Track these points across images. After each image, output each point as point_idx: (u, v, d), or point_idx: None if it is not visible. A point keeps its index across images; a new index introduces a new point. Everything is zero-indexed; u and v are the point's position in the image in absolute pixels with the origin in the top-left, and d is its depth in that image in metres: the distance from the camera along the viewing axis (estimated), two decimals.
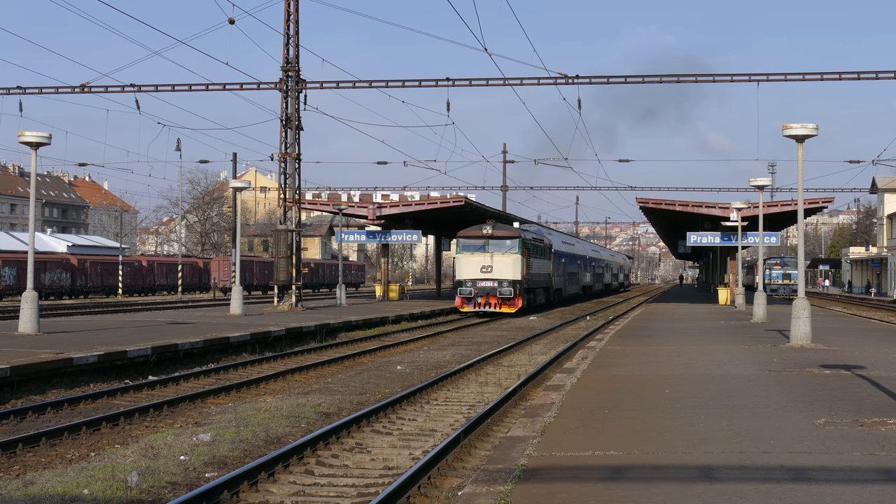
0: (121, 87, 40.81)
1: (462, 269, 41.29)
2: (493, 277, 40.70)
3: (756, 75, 39.25)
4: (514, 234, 41.52)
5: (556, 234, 64.24)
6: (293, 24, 37.94)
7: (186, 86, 41.09)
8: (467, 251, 41.41)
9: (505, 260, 40.91)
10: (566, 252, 59.67)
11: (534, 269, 44.63)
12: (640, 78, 40.19)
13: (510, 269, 40.81)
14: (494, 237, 41.13)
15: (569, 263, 60.29)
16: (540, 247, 47.00)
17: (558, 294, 55.94)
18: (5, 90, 41.30)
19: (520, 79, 40.04)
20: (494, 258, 40.90)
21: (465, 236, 41.97)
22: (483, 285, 40.76)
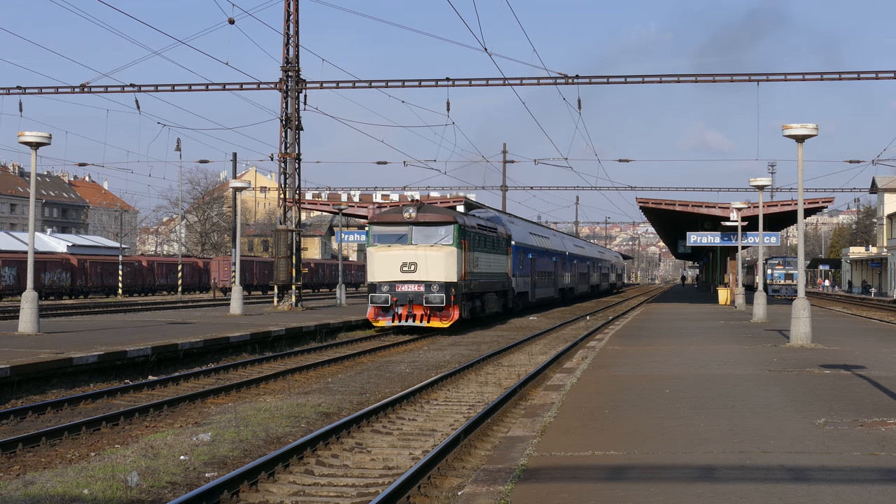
0: (121, 87, 40.83)
1: (376, 268, 30.19)
2: (418, 279, 29.63)
3: (756, 75, 39.25)
4: (447, 218, 30.32)
5: (522, 224, 51.94)
6: (293, 24, 37.95)
7: (186, 86, 41.09)
8: (383, 243, 30.28)
9: (435, 255, 29.79)
10: (535, 247, 49.11)
11: (480, 266, 33.58)
12: (640, 78, 40.19)
13: (442, 268, 29.72)
14: (420, 223, 30.07)
15: (540, 260, 50.05)
16: (491, 238, 35.78)
17: (522, 299, 45.04)
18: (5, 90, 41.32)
19: (520, 79, 40.06)
20: (420, 252, 29.84)
21: (379, 222, 30.93)
22: (404, 290, 29.59)
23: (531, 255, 46.93)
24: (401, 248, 29.99)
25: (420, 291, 29.64)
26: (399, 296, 29.70)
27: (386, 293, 29.63)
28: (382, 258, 30.03)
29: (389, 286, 29.61)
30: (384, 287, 29.67)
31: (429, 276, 29.64)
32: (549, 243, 54.71)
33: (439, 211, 31.33)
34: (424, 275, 29.63)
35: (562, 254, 58.41)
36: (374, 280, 30.00)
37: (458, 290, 30.27)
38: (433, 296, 29.46)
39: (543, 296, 51.47)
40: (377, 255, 30.23)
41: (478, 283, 33.12)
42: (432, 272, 29.67)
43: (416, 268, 29.67)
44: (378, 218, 31.61)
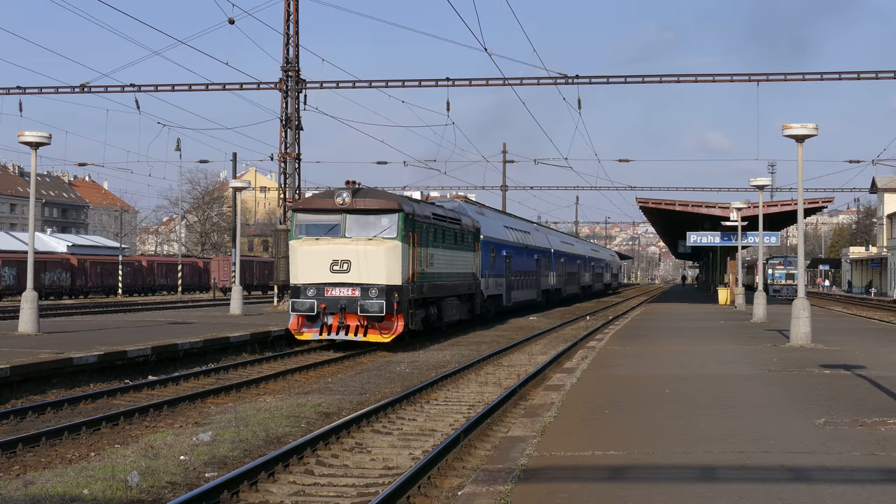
0: (121, 87, 40.84)
1: (300, 267, 24.45)
2: (352, 281, 23.90)
3: (756, 75, 39.26)
4: (390, 205, 24.50)
5: (495, 216, 45.78)
6: (293, 24, 37.96)
7: (186, 86, 41.11)
8: (310, 235, 24.63)
9: (374, 250, 24.00)
10: (512, 242, 43.23)
11: (436, 265, 27.69)
12: (640, 78, 40.21)
13: (382, 267, 23.90)
14: (355, 211, 24.35)
15: (518, 258, 44.12)
16: (452, 230, 29.82)
17: (495, 303, 39.29)
18: (5, 90, 41.34)
19: (520, 79, 40.08)
20: (355, 247, 24.05)
21: (304, 209, 25.33)
22: (335, 294, 23.90)
23: (506, 252, 41.09)
24: (331, 242, 24.21)
25: (354, 296, 23.67)
26: (328, 302, 23.75)
27: (312, 298, 23.85)
28: (308, 254, 24.29)
29: (317, 289, 23.88)
30: (310, 290, 23.91)
31: (366, 277, 23.78)
32: (530, 239, 48.75)
33: (381, 196, 25.31)
34: (360, 276, 23.79)
35: (545, 251, 52.48)
36: (298, 282, 24.25)
37: (404, 294, 24.17)
38: (370, 302, 23.44)
39: (522, 299, 45.21)
40: (302, 250, 24.43)
41: (432, 286, 27.11)
42: (371, 272, 23.80)
43: (349, 267, 23.86)
44: (303, 203, 25.80)
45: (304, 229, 24.79)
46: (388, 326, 23.96)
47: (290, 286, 24.67)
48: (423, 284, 26.05)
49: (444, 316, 28.92)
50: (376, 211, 24.40)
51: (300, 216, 25.04)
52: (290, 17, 37.90)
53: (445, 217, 29.29)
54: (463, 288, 31.26)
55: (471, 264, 32.50)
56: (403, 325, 24.06)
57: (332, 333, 24.07)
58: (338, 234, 24.35)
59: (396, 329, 23.97)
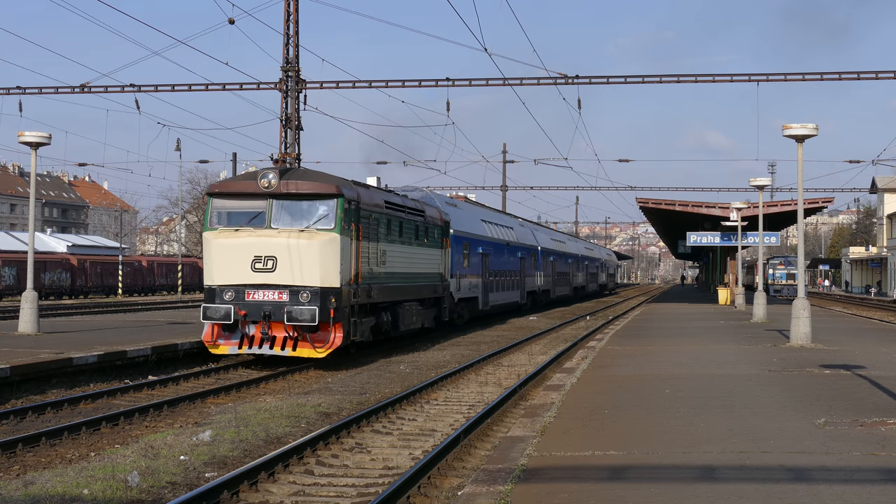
0: (121, 87, 40.82)
1: (216, 264, 20.08)
2: (278, 282, 19.58)
3: (756, 75, 39.22)
4: (327, 189, 20.01)
5: (471, 209, 40.84)
6: (293, 24, 37.96)
7: (186, 86, 41.10)
8: (228, 225, 20.23)
9: (306, 245, 19.59)
10: (490, 238, 38.77)
11: (390, 263, 23.31)
12: (640, 78, 40.17)
13: (316, 265, 19.55)
14: (284, 195, 19.97)
15: (497, 257, 39.65)
16: (412, 223, 25.43)
17: (468, 307, 34.72)
18: (5, 90, 41.32)
19: (520, 79, 40.01)
20: (283, 240, 19.68)
21: (222, 193, 20.70)
22: (258, 298, 19.58)
23: (483, 250, 36.77)
24: (253, 234, 19.77)
25: (281, 301, 19.37)
26: (249, 308, 19.43)
27: (229, 303, 19.46)
28: (225, 249, 19.85)
29: (235, 292, 19.55)
30: (227, 293, 19.57)
31: (296, 277, 19.47)
32: (513, 235, 44.27)
33: (315, 177, 20.56)
34: (289, 275, 19.46)
35: (531, 249, 47.73)
36: (213, 283, 19.81)
37: (344, 298, 19.80)
38: (301, 308, 19.10)
39: (502, 302, 40.65)
40: (217, 243, 19.98)
41: (383, 288, 22.65)
42: (302, 271, 19.45)
43: (275, 264, 19.52)
44: (220, 186, 21.13)
45: (222, 218, 20.33)
46: (322, 338, 19.56)
47: (204, 288, 20.13)
48: (372, 287, 21.63)
49: (400, 324, 24.28)
50: (310, 196, 19.96)
51: (217, 202, 20.44)
52: (290, 17, 37.90)
53: (403, 207, 24.75)
54: (426, 290, 27.05)
55: (437, 263, 28.24)
56: (343, 337, 19.69)
57: (254, 347, 19.71)
58: (262, 223, 19.89)
59: (333, 342, 19.56)
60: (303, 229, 19.76)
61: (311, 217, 19.98)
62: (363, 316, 21.37)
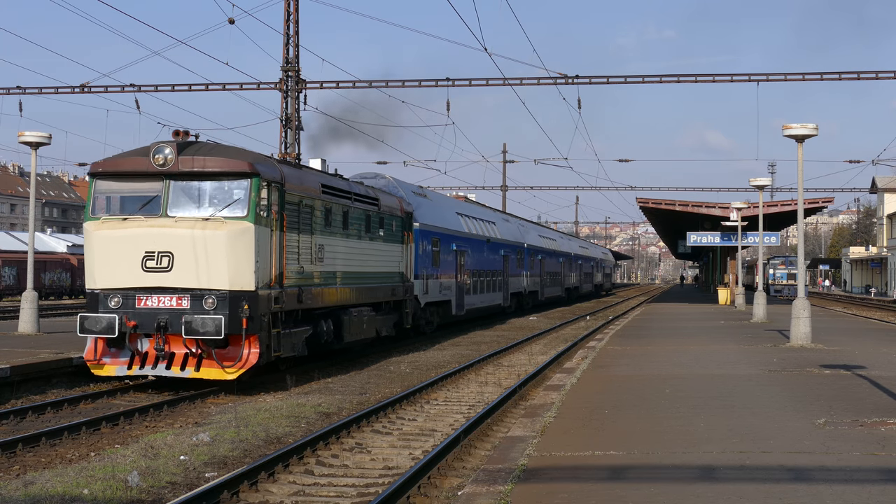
0: (121, 87, 40.82)
1: (98, 262, 16.22)
2: (175, 284, 15.86)
3: (756, 75, 39.24)
4: (239, 166, 16.17)
5: (442, 200, 36.32)
6: (293, 24, 37.97)
7: (186, 86, 41.10)
8: (114, 213, 16.41)
9: (211, 237, 15.87)
10: (464, 234, 34.46)
11: (328, 260, 19.24)
12: (640, 78, 40.18)
13: (223, 262, 15.82)
14: (183, 175, 16.19)
15: (475, 255, 35.60)
16: (361, 212, 21.37)
17: (438, 312, 30.75)
18: (5, 90, 41.32)
19: (520, 79, 40.02)
20: (182, 232, 15.92)
21: (107, 173, 16.56)
22: (150, 306, 15.88)
23: (457, 246, 32.65)
24: (145, 224, 15.88)
25: (180, 309, 15.61)
26: (141, 317, 15.70)
27: (114, 312, 15.72)
28: (110, 243, 16.01)
29: (123, 298, 15.79)
30: (113, 299, 15.79)
31: (199, 278, 15.68)
32: (494, 230, 40.22)
33: (224, 152, 16.51)
34: (190, 276, 15.69)
35: (516, 246, 43.62)
36: (96, 286, 16.01)
37: (262, 304, 16.01)
38: (203, 318, 15.30)
39: (480, 305, 36.73)
40: (100, 236, 16.11)
41: (322, 292, 18.83)
42: (208, 271, 15.66)
43: (171, 262, 15.71)
44: (106, 165, 16.60)
45: (107, 204, 16.44)
46: (233, 355, 15.73)
47: (86, 292, 16.36)
48: (303, 289, 17.72)
49: (345, 334, 20.29)
50: (216, 175, 16.05)
51: (101, 184, 16.46)
52: (290, 17, 37.91)
53: (348, 192, 20.54)
54: (381, 293, 22.94)
55: (396, 260, 24.04)
56: (259, 353, 15.80)
57: (147, 366, 15.92)
58: (156, 211, 16.00)
59: (247, 359, 15.72)
60: (207, 217, 15.82)
61: (218, 202, 16.06)
62: (292, 325, 17.51)
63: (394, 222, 23.94)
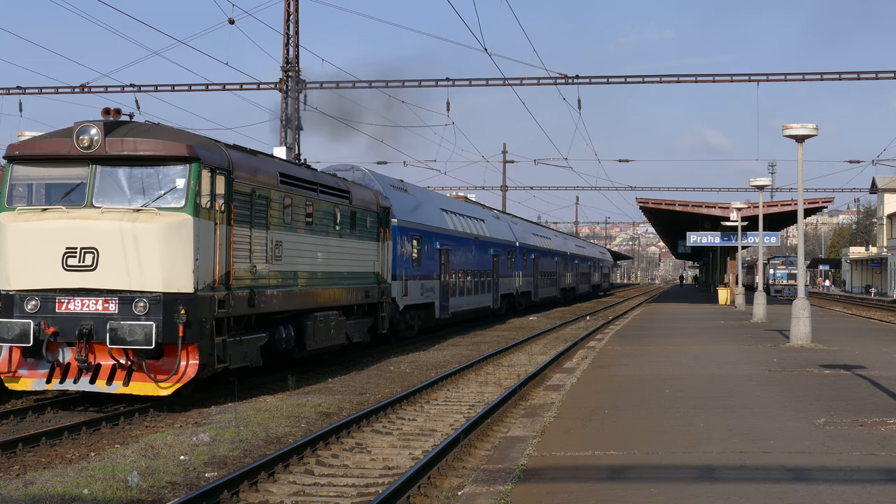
0: (121, 87, 40.84)
1: (12, 260, 14.19)
2: (101, 286, 13.82)
3: (756, 75, 39.29)
4: (176, 149, 14.16)
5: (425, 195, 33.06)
6: (293, 24, 37.99)
7: (186, 86, 41.12)
8: (33, 203, 14.59)
9: (142, 231, 13.86)
10: (450, 232, 32.21)
11: (287, 259, 17.33)
12: (640, 78, 40.22)
13: (156, 260, 13.82)
14: (111, 160, 14.17)
15: (461, 253, 33.36)
16: (328, 205, 19.40)
17: (420, 315, 28.63)
18: (5, 90, 41.35)
19: (520, 79, 40.07)
20: (108, 225, 13.88)
21: (25, 157, 14.65)
22: (72, 310, 13.86)
23: (441, 245, 30.49)
24: (67, 216, 14.06)
25: (106, 314, 13.73)
26: (61, 323, 13.84)
27: (31, 316, 13.87)
28: (26, 237, 14.13)
29: (41, 301, 13.93)
30: (30, 303, 13.95)
31: (130, 279, 13.76)
32: (483, 228, 37.94)
33: (161, 134, 14.56)
34: (118, 276, 13.76)
35: (507, 245, 41.46)
36: (10, 287, 14.12)
37: (203, 309, 14.18)
38: (131, 325, 13.46)
39: (468, 307, 34.48)
40: (15, 229, 14.20)
41: (279, 294, 16.78)
42: (140, 270, 13.74)
43: (97, 260, 13.81)
44: (24, 147, 14.86)
45: (24, 192, 14.64)
46: (167, 367, 13.95)
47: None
48: (256, 291, 15.76)
49: (308, 341, 18.23)
50: (150, 160, 14.14)
51: (18, 169, 14.61)
52: (290, 17, 37.93)
53: (313, 184, 18.59)
54: (353, 295, 20.83)
55: (370, 260, 21.99)
56: (200, 364, 14.01)
57: (69, 380, 14.07)
58: (80, 200, 14.13)
59: (184, 372, 13.92)
60: (139, 208, 13.92)
61: (151, 190, 14.13)
62: (243, 332, 15.68)
63: (368, 218, 21.85)
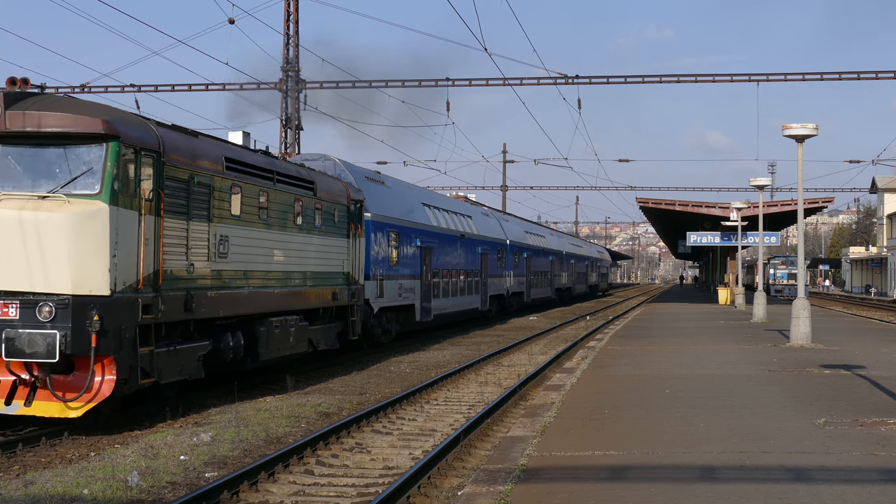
0: (121, 87, 40.86)
1: None
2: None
3: (756, 75, 39.33)
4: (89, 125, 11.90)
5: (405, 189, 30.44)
6: (293, 24, 37.99)
7: (186, 86, 41.12)
8: None
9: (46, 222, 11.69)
10: (432, 228, 29.99)
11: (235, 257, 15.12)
12: (640, 78, 40.24)
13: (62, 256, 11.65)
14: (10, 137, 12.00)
15: (445, 252, 31.08)
16: (288, 196, 17.29)
17: (400, 319, 26.69)
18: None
19: (520, 79, 40.09)
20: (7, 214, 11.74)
21: None
22: None
23: (422, 242, 28.28)
24: None
25: (4, 320, 11.74)
26: None
27: None
28: None
29: None
30: None
31: (32, 279, 11.79)
32: (470, 225, 35.82)
33: (73, 107, 12.50)
34: (19, 275, 11.79)
35: (497, 243, 39.44)
36: None
37: (122, 314, 12.20)
38: (31, 336, 11.54)
39: (454, 309, 32.34)
40: None
41: (223, 297, 14.68)
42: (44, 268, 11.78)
43: None
44: None
45: None
46: (77, 384, 11.92)
47: None
48: (194, 294, 13.66)
49: (262, 349, 16.10)
50: (59, 138, 12.16)
51: None
52: (290, 17, 37.94)
53: (270, 172, 16.53)
54: (317, 298, 18.60)
55: (339, 258, 19.76)
56: (117, 380, 12.03)
57: None
58: None
59: (98, 389, 11.94)
60: (44, 195, 11.95)
61: (60, 174, 12.10)
62: (178, 341, 13.51)
63: (336, 211, 19.57)
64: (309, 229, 18.24)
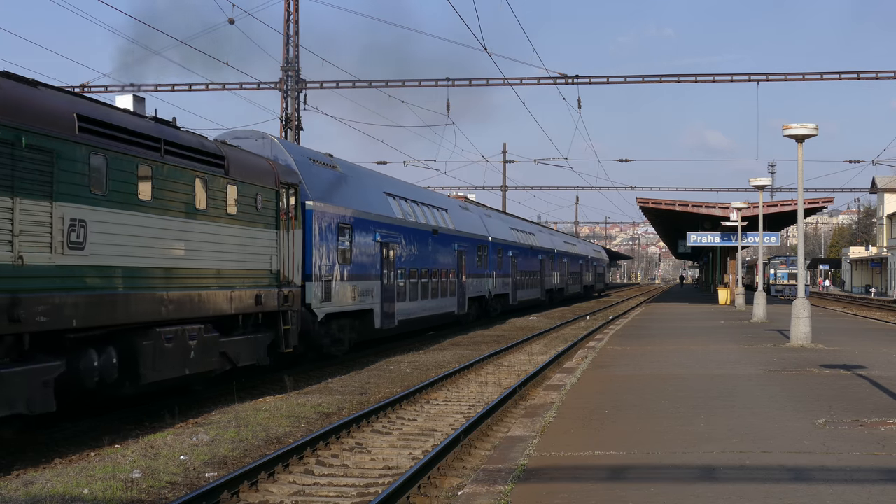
0: (121, 87, 40.83)
1: None
2: None
3: (756, 75, 39.33)
4: None
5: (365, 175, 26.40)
6: (293, 25, 38.00)
7: (186, 86, 41.12)
8: None
9: None
10: (397, 222, 25.99)
11: (96, 249, 11.65)
12: (640, 78, 40.24)
13: None
14: None
15: (413, 249, 27.16)
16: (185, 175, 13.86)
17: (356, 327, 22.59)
18: None
19: (520, 79, 40.09)
20: None
21: None
22: None
23: (381, 237, 24.21)
24: None
25: None
26: None
27: None
28: None
29: None
30: None
31: None
32: (446, 220, 32.02)
33: None
34: None
35: (478, 240, 35.67)
36: None
37: None
38: None
39: (423, 314, 28.32)
40: None
41: (75, 302, 11.28)
42: None
43: None
44: None
45: None
46: None
47: None
48: (24, 299, 10.40)
49: (145, 370, 12.81)
50: None
51: None
52: (290, 17, 37.94)
53: (156, 139, 13.30)
54: (234, 302, 15.33)
55: (265, 253, 16.59)
56: None
57: None
58: None
59: None
60: None
61: None
62: (5, 363, 10.25)
63: (259, 196, 16.32)
64: (217, 216, 14.81)
